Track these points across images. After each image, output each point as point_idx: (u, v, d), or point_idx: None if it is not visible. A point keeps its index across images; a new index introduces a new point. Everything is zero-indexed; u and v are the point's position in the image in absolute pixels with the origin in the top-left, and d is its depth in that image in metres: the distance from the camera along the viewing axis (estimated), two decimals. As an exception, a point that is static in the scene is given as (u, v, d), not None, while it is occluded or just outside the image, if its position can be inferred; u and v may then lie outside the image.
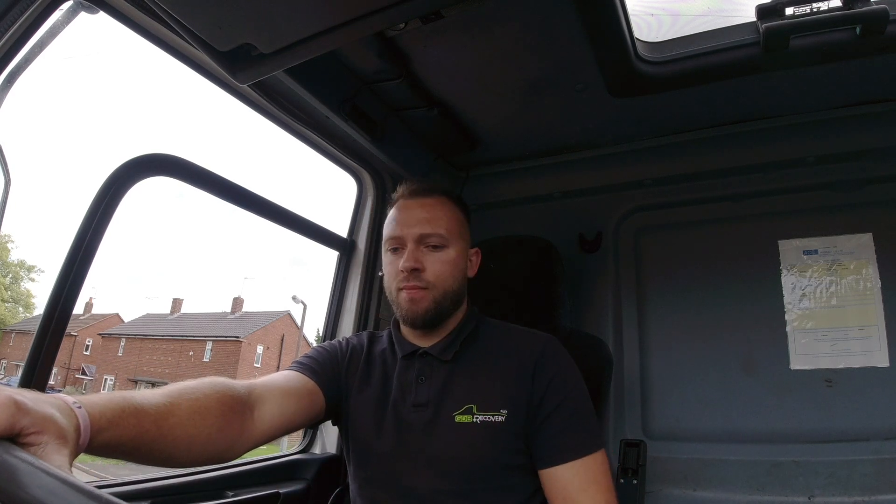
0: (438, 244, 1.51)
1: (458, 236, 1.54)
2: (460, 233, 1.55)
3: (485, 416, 1.40)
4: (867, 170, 2.05)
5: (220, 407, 1.16)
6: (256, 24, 1.39)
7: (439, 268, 1.49)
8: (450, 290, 1.50)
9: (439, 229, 1.51)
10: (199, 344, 39.25)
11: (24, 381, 1.32)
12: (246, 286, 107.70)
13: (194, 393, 1.14)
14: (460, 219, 1.58)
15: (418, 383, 1.48)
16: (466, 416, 1.41)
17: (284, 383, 1.41)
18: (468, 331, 1.54)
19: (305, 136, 2.05)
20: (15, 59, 1.29)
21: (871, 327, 1.97)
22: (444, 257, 1.50)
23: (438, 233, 1.51)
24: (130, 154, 1.50)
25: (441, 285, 1.49)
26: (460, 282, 1.53)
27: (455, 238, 1.53)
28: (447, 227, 1.52)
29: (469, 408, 1.41)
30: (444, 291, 1.49)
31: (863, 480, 1.83)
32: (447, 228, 1.52)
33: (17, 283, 46.71)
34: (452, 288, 1.50)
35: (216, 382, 1.20)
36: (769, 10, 1.75)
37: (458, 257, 1.52)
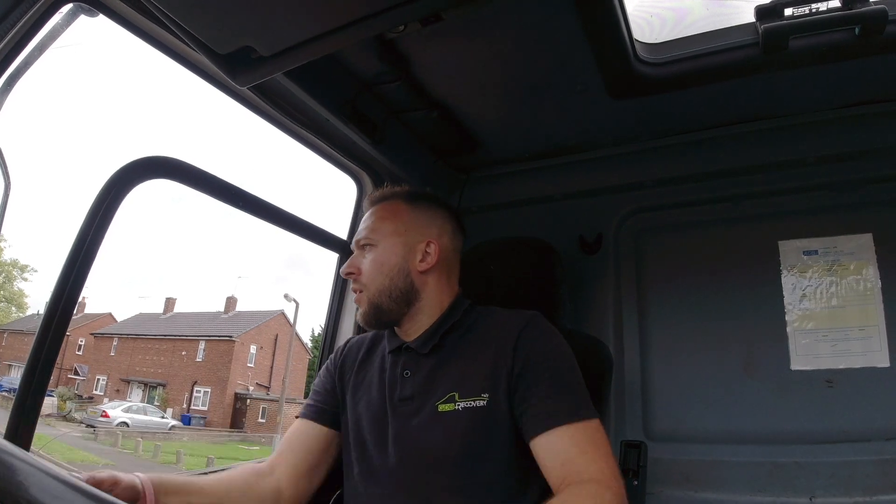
0: (368, 245, 1.59)
1: (390, 233, 1.58)
2: (395, 229, 1.58)
3: (466, 403, 1.41)
4: (867, 170, 2.06)
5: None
6: (256, 27, 1.39)
7: (367, 267, 1.56)
8: (384, 287, 1.54)
9: (368, 232, 1.60)
10: (191, 343, 39.24)
11: (24, 381, 1.32)
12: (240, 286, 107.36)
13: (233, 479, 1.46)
14: (404, 215, 1.61)
15: (403, 377, 1.51)
16: (449, 404, 1.42)
17: (301, 449, 1.59)
18: (451, 321, 1.55)
19: (305, 139, 2.05)
20: (15, 62, 1.29)
21: (871, 327, 1.97)
22: (371, 256, 1.57)
23: (367, 236, 1.59)
24: (130, 157, 1.49)
25: (372, 284, 1.54)
26: (395, 276, 1.54)
27: (385, 235, 1.57)
28: (377, 227, 1.59)
29: (451, 396, 1.43)
30: (377, 290, 1.54)
31: (864, 481, 1.84)
32: (376, 229, 1.59)
33: (11, 283, 46.50)
34: (385, 284, 1.54)
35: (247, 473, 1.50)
36: (768, 11, 1.75)
37: (388, 253, 1.56)
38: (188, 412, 36.65)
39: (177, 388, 38.34)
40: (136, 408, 34.12)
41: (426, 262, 1.56)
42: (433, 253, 1.57)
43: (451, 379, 1.45)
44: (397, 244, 1.56)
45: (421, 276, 1.56)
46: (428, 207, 1.65)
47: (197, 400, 37.75)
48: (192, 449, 26.37)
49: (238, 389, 37.47)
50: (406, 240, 1.57)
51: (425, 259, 1.56)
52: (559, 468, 1.29)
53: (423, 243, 1.57)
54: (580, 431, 1.32)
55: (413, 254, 1.56)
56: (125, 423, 30.90)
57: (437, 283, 1.59)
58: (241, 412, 36.38)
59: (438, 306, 1.58)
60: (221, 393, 37.00)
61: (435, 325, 1.55)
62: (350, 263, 1.59)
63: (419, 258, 1.56)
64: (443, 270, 1.60)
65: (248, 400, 36.58)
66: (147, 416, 33.23)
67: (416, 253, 1.56)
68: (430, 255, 1.57)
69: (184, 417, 35.62)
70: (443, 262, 1.59)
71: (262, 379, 39.63)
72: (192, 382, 38.02)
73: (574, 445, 1.30)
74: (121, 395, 39.14)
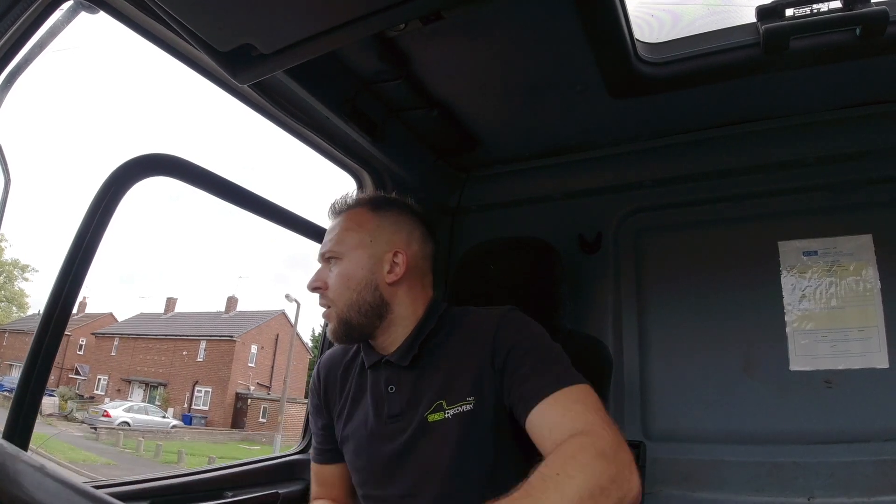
0: (332, 258, 1.53)
1: (354, 246, 1.52)
2: (360, 240, 1.53)
3: (455, 409, 1.39)
4: (867, 171, 2.05)
5: None
6: (257, 25, 1.39)
7: (333, 282, 1.51)
8: (352, 301, 1.48)
9: (331, 244, 1.54)
10: (192, 343, 39.32)
11: (23, 381, 1.32)
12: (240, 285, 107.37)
13: None
14: (368, 225, 1.55)
15: (389, 393, 1.48)
16: (437, 413, 1.40)
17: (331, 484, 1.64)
18: (428, 329, 1.50)
19: (305, 137, 2.05)
20: (15, 59, 1.29)
21: (870, 328, 1.97)
22: (336, 271, 1.51)
23: (332, 249, 1.53)
24: (130, 154, 1.50)
25: (340, 300, 1.49)
26: (363, 290, 1.49)
27: (351, 247, 1.52)
28: (340, 239, 1.53)
29: (439, 404, 1.41)
30: (346, 305, 1.49)
31: (863, 481, 1.83)
32: (339, 241, 1.53)
33: (11, 283, 46.60)
34: (353, 299, 1.48)
35: None
36: (769, 11, 1.75)
37: (354, 266, 1.50)
38: (189, 412, 36.73)
39: (178, 388, 38.41)
40: (138, 407, 34.22)
41: (394, 274, 1.51)
42: (401, 263, 1.52)
43: (435, 387, 1.43)
44: (363, 257, 1.51)
45: (390, 288, 1.51)
46: (394, 214, 1.59)
47: (198, 399, 37.82)
48: (194, 448, 26.41)
49: (239, 389, 37.56)
50: (372, 251, 1.52)
51: (393, 270, 1.51)
52: (548, 436, 1.25)
53: (390, 253, 1.52)
54: (564, 395, 1.28)
55: (380, 265, 1.51)
56: (126, 422, 30.99)
57: (408, 292, 1.54)
58: (242, 412, 36.44)
59: (413, 315, 1.53)
60: (222, 393, 37.06)
61: (412, 336, 1.50)
62: (316, 277, 1.55)
63: (387, 269, 1.51)
64: (414, 279, 1.56)
65: (249, 400, 36.65)
66: (148, 416, 33.31)
67: (384, 264, 1.51)
68: (399, 266, 1.52)
69: (185, 417, 35.68)
70: (413, 270, 1.55)
71: (263, 379, 39.69)
72: (194, 382, 38.08)
73: (560, 409, 1.26)
74: (122, 395, 39.21)
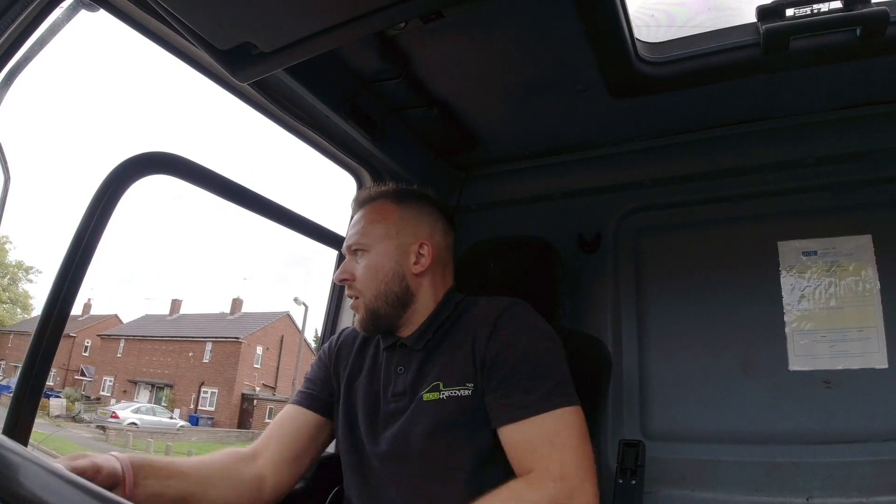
0: (360, 250, 1.57)
1: (381, 237, 1.56)
2: (386, 232, 1.56)
3: (451, 392, 1.41)
4: (866, 171, 2.05)
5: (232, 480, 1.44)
6: (257, 23, 1.40)
7: (362, 274, 1.54)
8: (380, 292, 1.52)
9: (358, 236, 1.58)
10: (198, 345, 39.41)
11: (22, 380, 1.32)
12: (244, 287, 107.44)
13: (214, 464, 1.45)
14: (393, 216, 1.59)
15: (397, 374, 1.52)
16: (433, 393, 1.43)
17: (288, 435, 1.59)
18: (443, 317, 1.54)
19: (305, 135, 2.05)
20: (15, 57, 1.30)
21: (869, 329, 1.96)
22: (365, 262, 1.55)
23: (359, 241, 1.57)
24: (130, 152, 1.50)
25: (368, 291, 1.53)
26: (390, 281, 1.53)
27: (377, 239, 1.55)
28: (367, 231, 1.57)
29: (436, 385, 1.43)
30: (373, 296, 1.52)
31: (861, 482, 1.83)
32: (366, 233, 1.57)
33: (15, 285, 46.71)
34: (381, 290, 1.52)
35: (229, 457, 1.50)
36: (769, 11, 1.75)
37: (382, 258, 1.54)
38: (196, 413, 36.80)
39: (184, 389, 38.49)
40: (145, 409, 34.47)
41: (420, 265, 1.56)
42: (427, 254, 1.56)
43: (437, 369, 1.46)
44: (390, 248, 1.55)
45: (416, 279, 1.56)
46: (417, 206, 1.63)
47: (204, 400, 37.91)
48: (202, 448, 26.45)
49: (245, 390, 37.59)
50: (399, 242, 1.55)
51: (419, 261, 1.56)
52: (518, 457, 1.30)
53: (416, 244, 1.56)
54: (547, 420, 1.29)
55: (407, 256, 1.55)
56: (135, 423, 31.23)
57: (431, 282, 1.58)
58: (248, 412, 36.49)
59: (433, 304, 1.58)
60: (228, 393, 37.13)
61: (427, 322, 1.55)
62: (343, 269, 1.57)
63: (413, 260, 1.55)
64: (437, 269, 1.60)
65: (254, 400, 36.72)
66: (156, 417, 33.55)
67: (410, 255, 1.55)
68: (424, 257, 1.56)
69: (191, 418, 35.76)
70: (437, 261, 1.59)
71: (269, 380, 39.75)
72: (200, 383, 38.17)
73: (538, 436, 1.28)
74: (128, 396, 39.33)
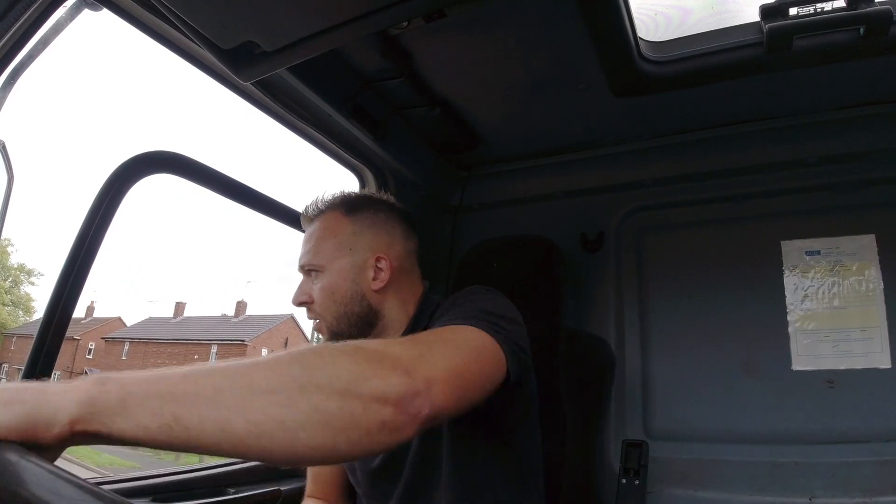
0: (313, 271, 1.48)
1: (333, 255, 1.47)
2: (338, 248, 1.47)
3: None
4: (869, 171, 2.05)
5: None
6: (260, 23, 1.40)
7: (318, 296, 1.46)
8: (340, 314, 1.45)
9: (309, 256, 1.48)
10: (203, 347, 39.52)
11: (25, 378, 1.32)
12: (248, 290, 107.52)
13: None
14: (345, 230, 1.49)
15: None
16: None
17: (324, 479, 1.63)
18: (420, 328, 1.44)
19: (308, 134, 2.05)
20: (18, 57, 1.30)
21: (873, 328, 1.96)
22: (320, 284, 1.46)
23: (311, 262, 1.48)
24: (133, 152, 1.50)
25: (328, 314, 1.45)
26: (349, 302, 1.45)
27: (330, 258, 1.46)
28: (318, 249, 1.48)
29: None
30: (334, 318, 1.45)
31: (864, 482, 1.83)
32: (317, 252, 1.47)
33: (17, 287, 46.81)
34: (341, 311, 1.44)
35: None
36: (773, 10, 1.74)
37: (337, 279, 1.45)
38: (200, 414, 36.89)
39: (189, 391, 38.56)
40: None
41: (380, 280, 1.47)
42: (385, 268, 1.48)
43: None
44: (345, 267, 1.46)
45: (377, 295, 1.48)
46: (370, 215, 1.53)
47: (210, 403, 37.97)
48: (210, 449, 26.53)
49: (251, 392, 37.69)
50: (353, 259, 1.46)
51: (378, 276, 1.47)
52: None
53: (372, 259, 1.48)
54: (452, 326, 1.17)
55: (364, 273, 1.46)
56: (146, 425, 31.29)
57: (396, 294, 1.51)
58: (254, 414, 36.56)
59: (405, 316, 1.51)
60: (234, 396, 37.19)
61: (407, 332, 1.48)
62: (301, 291, 1.49)
63: (371, 276, 1.46)
64: (402, 280, 1.52)
65: (260, 402, 36.79)
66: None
67: (368, 271, 1.47)
68: (383, 272, 1.48)
69: (197, 419, 35.83)
70: (398, 272, 1.51)
71: (274, 382, 39.83)
72: (205, 385, 38.23)
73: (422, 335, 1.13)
74: (133, 399, 39.40)
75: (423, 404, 0.87)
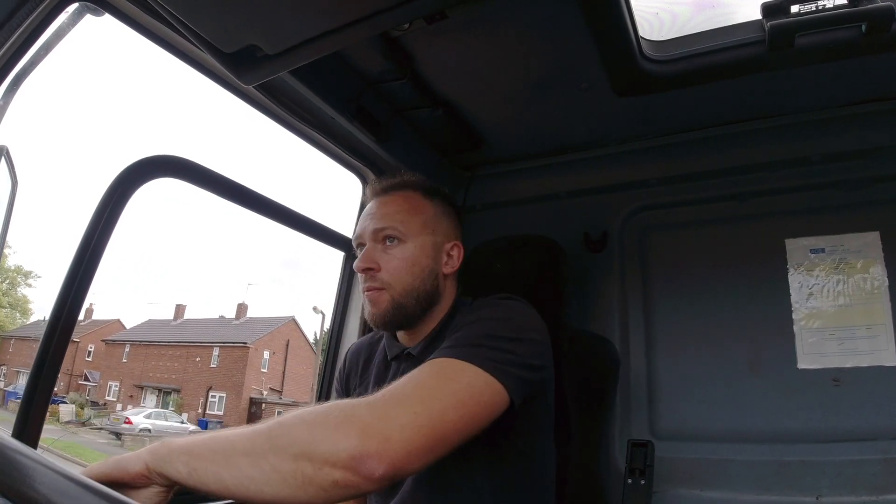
0: (394, 238, 1.46)
1: (419, 229, 1.47)
2: (424, 225, 1.48)
3: None
4: (873, 168, 2.04)
5: None
6: (261, 26, 1.40)
7: (395, 265, 1.44)
8: (411, 288, 1.44)
9: (394, 222, 1.47)
10: (205, 349, 39.57)
11: (30, 385, 1.33)
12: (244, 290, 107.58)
13: None
14: (428, 211, 1.52)
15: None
16: None
17: None
18: (452, 324, 1.45)
19: (310, 137, 2.05)
20: (21, 62, 1.30)
21: (878, 326, 1.95)
22: (400, 253, 1.45)
23: (392, 226, 1.46)
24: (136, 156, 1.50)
25: (398, 284, 1.44)
26: (425, 279, 1.46)
27: (415, 231, 1.47)
28: (403, 219, 1.47)
29: None
30: (403, 290, 1.44)
31: (871, 480, 1.82)
32: (403, 221, 1.47)
33: (15, 289, 47.00)
34: (414, 286, 1.44)
35: None
36: (774, 8, 1.74)
37: (419, 252, 1.46)
38: (204, 417, 36.95)
39: (191, 394, 38.68)
40: (157, 413, 35.06)
41: (450, 266, 1.52)
42: (456, 256, 1.53)
43: None
44: (427, 243, 1.48)
45: (445, 280, 1.52)
46: (443, 204, 1.58)
47: (212, 405, 38.09)
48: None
49: (253, 394, 37.74)
50: (435, 239, 1.50)
51: (449, 262, 1.52)
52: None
53: (448, 244, 1.53)
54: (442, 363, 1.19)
55: (440, 255, 1.50)
56: (148, 428, 31.70)
57: (452, 285, 1.55)
58: (257, 416, 36.60)
59: (446, 307, 1.53)
60: (237, 398, 37.29)
61: (436, 331, 1.49)
62: (368, 258, 1.45)
63: (444, 260, 1.51)
64: (456, 274, 1.56)
65: (263, 404, 36.84)
66: (167, 422, 34.06)
67: (443, 254, 1.51)
68: (454, 259, 1.53)
69: (200, 422, 35.96)
70: (458, 265, 1.55)
71: (275, 383, 39.87)
72: (208, 388, 38.30)
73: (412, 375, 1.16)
74: (134, 401, 39.56)
75: (376, 465, 0.96)
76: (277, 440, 0.98)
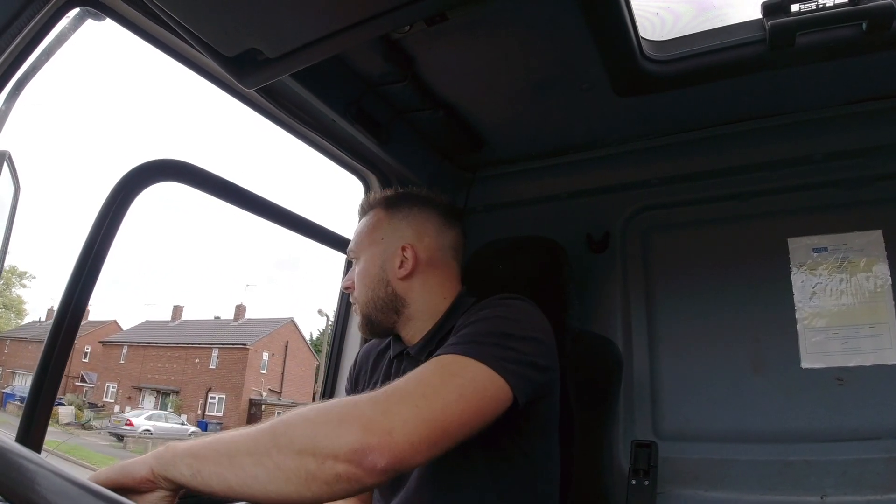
0: (357, 258, 1.63)
1: (369, 244, 1.60)
2: (373, 240, 1.60)
3: None
4: (875, 166, 2.04)
5: None
6: (262, 30, 1.40)
7: (357, 282, 1.60)
8: (367, 299, 1.57)
9: (354, 245, 1.65)
10: (204, 351, 39.59)
11: (35, 385, 1.34)
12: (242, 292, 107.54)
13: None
14: (383, 223, 1.62)
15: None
16: None
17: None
18: (450, 326, 1.48)
19: (311, 140, 2.05)
20: (22, 67, 1.30)
21: (882, 324, 1.95)
22: (356, 270, 1.62)
23: (352, 248, 1.65)
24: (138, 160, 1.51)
25: (361, 297, 1.59)
26: (376, 288, 1.56)
27: (365, 247, 1.61)
28: (359, 240, 1.63)
29: None
30: (364, 302, 1.58)
31: (875, 479, 1.81)
32: (358, 242, 1.63)
33: (9, 290, 46.96)
34: (369, 297, 1.57)
35: None
36: (775, 7, 1.73)
37: (369, 265, 1.58)
38: (203, 418, 36.97)
39: (190, 395, 38.68)
40: (157, 415, 35.14)
41: (405, 268, 1.55)
42: (410, 258, 1.55)
43: None
44: (375, 255, 1.58)
45: (402, 283, 1.56)
46: (405, 209, 1.63)
47: (212, 406, 38.12)
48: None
49: (252, 395, 37.75)
50: (383, 249, 1.58)
51: (403, 265, 1.55)
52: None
53: (398, 249, 1.56)
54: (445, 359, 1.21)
55: (391, 261, 1.56)
56: (149, 430, 31.76)
57: (423, 286, 1.57)
58: (256, 417, 36.64)
59: (434, 309, 1.56)
60: (236, 399, 37.32)
61: (433, 330, 1.54)
62: (347, 277, 1.66)
63: (397, 264, 1.55)
64: (430, 272, 1.58)
65: (262, 406, 36.88)
66: (168, 424, 34.17)
67: (394, 260, 1.56)
68: (408, 261, 1.55)
69: (200, 423, 36.04)
70: (426, 263, 1.58)
71: (275, 385, 39.91)
72: (207, 389, 38.32)
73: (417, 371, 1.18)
74: (133, 403, 39.56)
75: (379, 458, 0.97)
76: (280, 438, 1.00)
